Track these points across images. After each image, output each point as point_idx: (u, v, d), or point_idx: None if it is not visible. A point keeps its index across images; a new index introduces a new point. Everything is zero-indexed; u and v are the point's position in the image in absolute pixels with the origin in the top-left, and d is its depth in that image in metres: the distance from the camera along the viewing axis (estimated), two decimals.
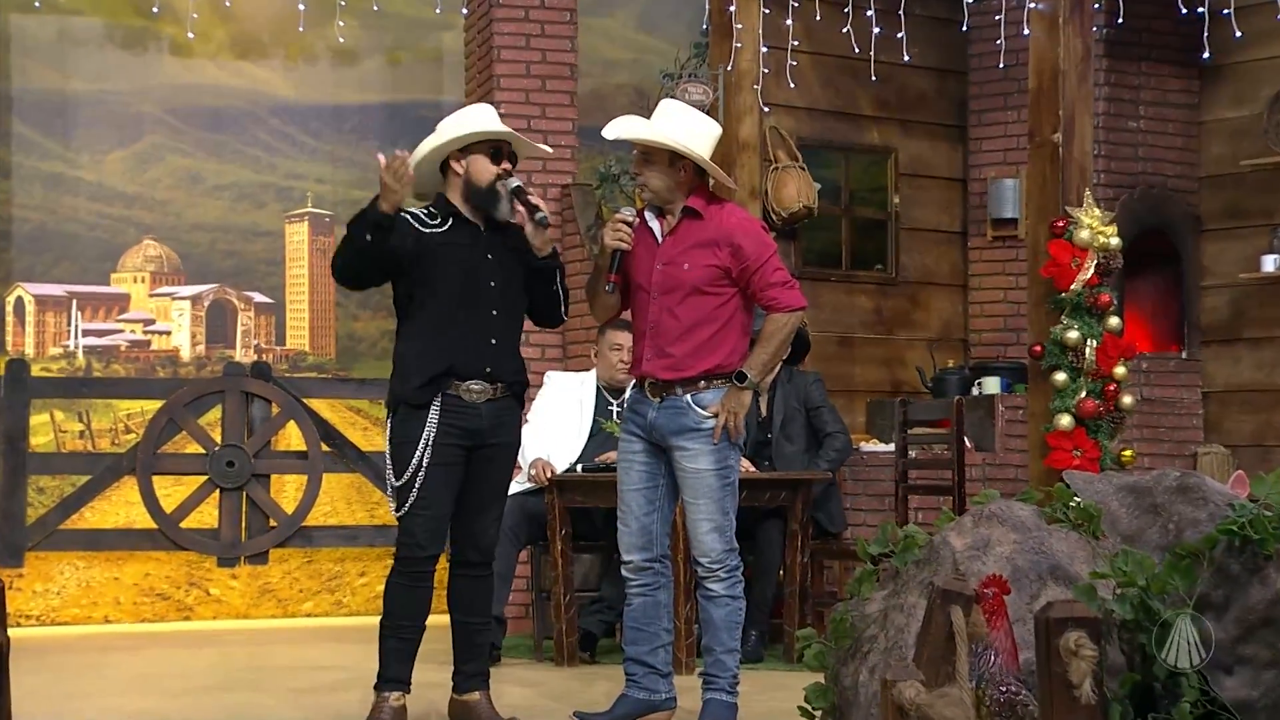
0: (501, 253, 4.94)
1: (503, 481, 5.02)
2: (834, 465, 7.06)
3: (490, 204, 4.91)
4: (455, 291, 4.84)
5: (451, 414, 4.84)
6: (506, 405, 4.95)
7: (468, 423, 4.86)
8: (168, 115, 8.97)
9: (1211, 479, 3.79)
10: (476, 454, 4.91)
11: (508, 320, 4.95)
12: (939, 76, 8.97)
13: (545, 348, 8.18)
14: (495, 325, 4.90)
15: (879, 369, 8.82)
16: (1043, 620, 2.89)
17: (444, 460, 4.83)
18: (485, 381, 4.87)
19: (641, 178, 4.87)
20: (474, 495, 4.94)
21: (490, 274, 4.90)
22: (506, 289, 4.92)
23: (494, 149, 4.93)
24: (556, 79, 8.32)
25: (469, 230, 4.93)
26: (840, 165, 8.80)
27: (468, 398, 4.86)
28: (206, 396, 8.07)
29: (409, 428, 4.84)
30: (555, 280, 4.98)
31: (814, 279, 8.53)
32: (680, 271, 4.84)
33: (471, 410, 4.86)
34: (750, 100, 7.42)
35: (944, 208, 9.03)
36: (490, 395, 4.89)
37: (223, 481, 7.97)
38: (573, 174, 8.36)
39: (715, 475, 4.83)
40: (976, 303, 8.98)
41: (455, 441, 4.85)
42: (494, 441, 4.92)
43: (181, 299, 9.01)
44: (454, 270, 4.85)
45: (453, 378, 4.84)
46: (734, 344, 4.87)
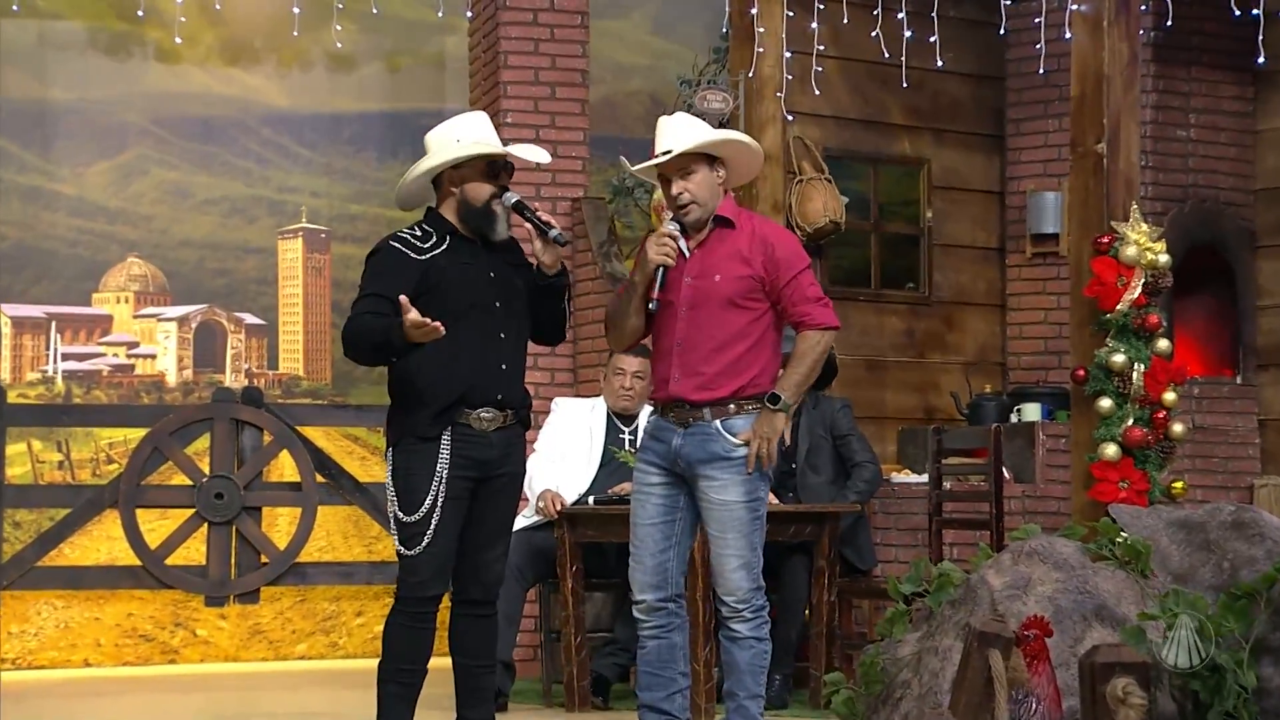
0: (504, 270, 4.95)
1: (509, 514, 5.02)
2: (863, 497, 7.04)
3: (487, 225, 4.92)
4: (462, 315, 4.85)
5: (463, 444, 4.84)
6: (515, 433, 4.96)
7: (479, 453, 4.86)
8: (153, 125, 9.00)
9: (1269, 513, 3.78)
10: (484, 485, 4.91)
11: (516, 343, 4.96)
12: (975, 83, 8.97)
13: (555, 371, 8.18)
14: (505, 349, 4.91)
15: (911, 394, 8.80)
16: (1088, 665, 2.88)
17: (455, 494, 4.84)
18: (496, 409, 4.88)
19: (685, 195, 4.85)
20: (479, 529, 4.94)
21: (495, 294, 4.91)
22: (511, 309, 4.93)
23: (489, 165, 4.93)
24: (567, 86, 8.34)
25: (468, 248, 4.93)
26: (869, 177, 8.80)
27: (478, 426, 4.86)
28: (194, 424, 8.08)
29: (418, 460, 4.83)
30: (564, 297, 4.99)
31: (841, 298, 8.51)
32: (711, 284, 4.85)
33: (482, 440, 4.87)
34: (773, 109, 7.42)
35: (980, 222, 9.02)
36: (500, 423, 4.90)
37: (211, 515, 7.97)
38: (584, 187, 8.37)
39: (745, 508, 4.82)
40: (1015, 324, 8.97)
41: (465, 474, 4.85)
42: (502, 471, 4.92)
43: (167, 320, 9.03)
44: (458, 293, 4.85)
45: (464, 406, 4.84)
46: (765, 363, 4.88)
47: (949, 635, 3.70)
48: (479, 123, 5.00)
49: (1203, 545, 3.60)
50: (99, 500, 8.03)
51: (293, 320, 9.23)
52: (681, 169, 4.87)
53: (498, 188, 4.92)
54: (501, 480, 4.93)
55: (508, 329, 4.91)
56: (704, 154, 4.86)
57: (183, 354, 9.04)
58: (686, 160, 4.86)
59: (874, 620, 7.18)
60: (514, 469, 4.97)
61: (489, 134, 4.96)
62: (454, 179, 4.92)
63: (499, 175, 4.94)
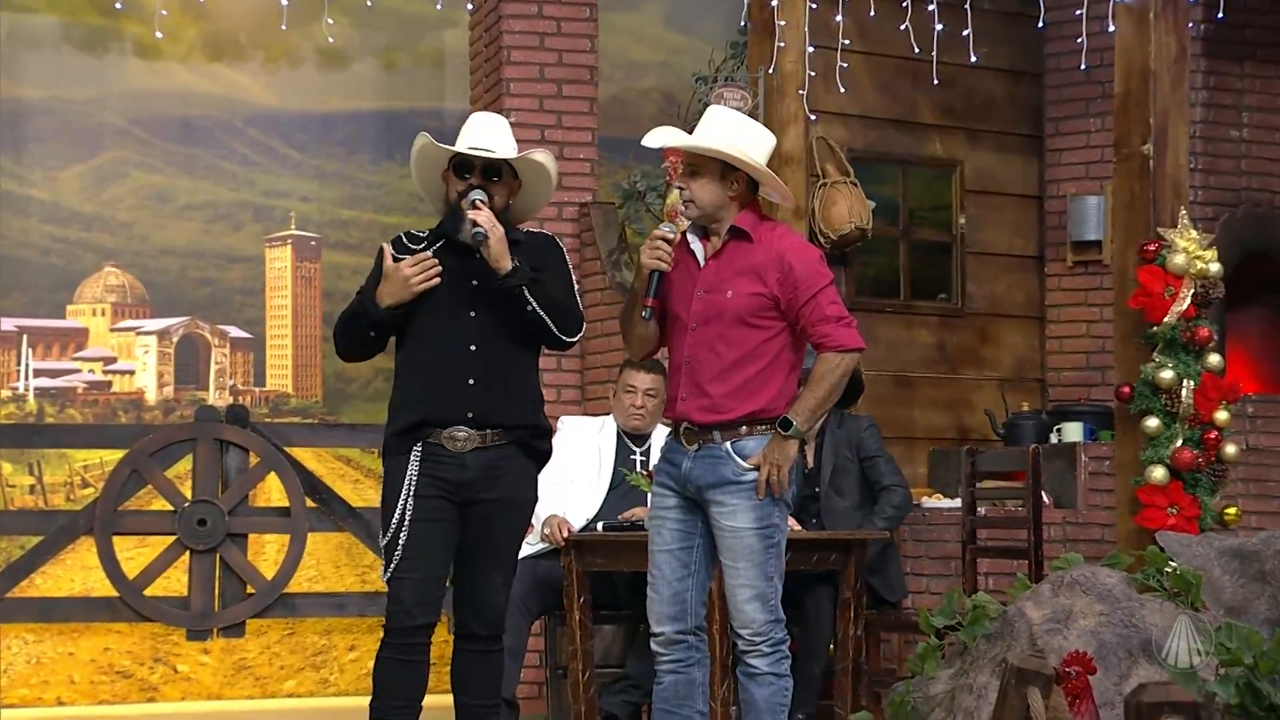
0: (489, 278, 4.92)
1: (508, 542, 5.01)
2: (891, 524, 7.03)
3: (451, 225, 4.95)
4: (431, 326, 4.87)
5: (432, 464, 4.87)
6: (505, 455, 4.94)
7: (451, 474, 4.87)
8: (132, 125, 9.02)
9: None
10: (470, 511, 4.91)
11: (494, 355, 4.93)
12: (1011, 79, 8.97)
13: (561, 389, 8.19)
14: (474, 363, 4.90)
15: (943, 413, 8.79)
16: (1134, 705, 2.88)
17: (429, 515, 4.85)
18: (470, 428, 4.88)
19: (687, 192, 4.89)
20: (474, 558, 4.95)
21: (471, 304, 4.91)
22: (492, 319, 4.92)
23: (460, 163, 4.95)
24: (574, 83, 8.35)
25: (457, 252, 4.96)
26: (898, 181, 8.79)
27: (451, 446, 4.88)
28: (175, 445, 8.08)
29: (390, 478, 4.90)
30: (526, 300, 4.89)
31: (868, 310, 8.52)
32: (722, 299, 4.86)
33: (454, 460, 4.88)
34: (795, 107, 7.42)
35: (1017, 229, 9.01)
36: (479, 443, 4.89)
37: (193, 542, 7.98)
38: (592, 191, 8.38)
39: (757, 535, 4.82)
40: (1055, 337, 8.95)
41: (440, 494, 4.86)
42: (488, 497, 4.91)
43: (147, 334, 9.05)
44: (432, 303, 4.88)
45: (430, 426, 4.86)
46: (780, 386, 4.87)
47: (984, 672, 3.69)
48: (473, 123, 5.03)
49: (1258, 576, 3.60)
50: (73, 527, 8.03)
51: (281, 333, 9.24)
52: (692, 166, 4.89)
53: (466, 186, 4.94)
54: (490, 507, 4.92)
55: (481, 341, 4.90)
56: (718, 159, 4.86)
57: (163, 370, 9.05)
58: (697, 159, 4.87)
59: (903, 656, 7.16)
60: (507, 494, 4.95)
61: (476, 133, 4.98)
62: (447, 177, 4.99)
63: (469, 173, 4.95)
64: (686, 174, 4.90)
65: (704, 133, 4.89)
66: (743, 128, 4.90)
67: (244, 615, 8.07)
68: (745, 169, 4.86)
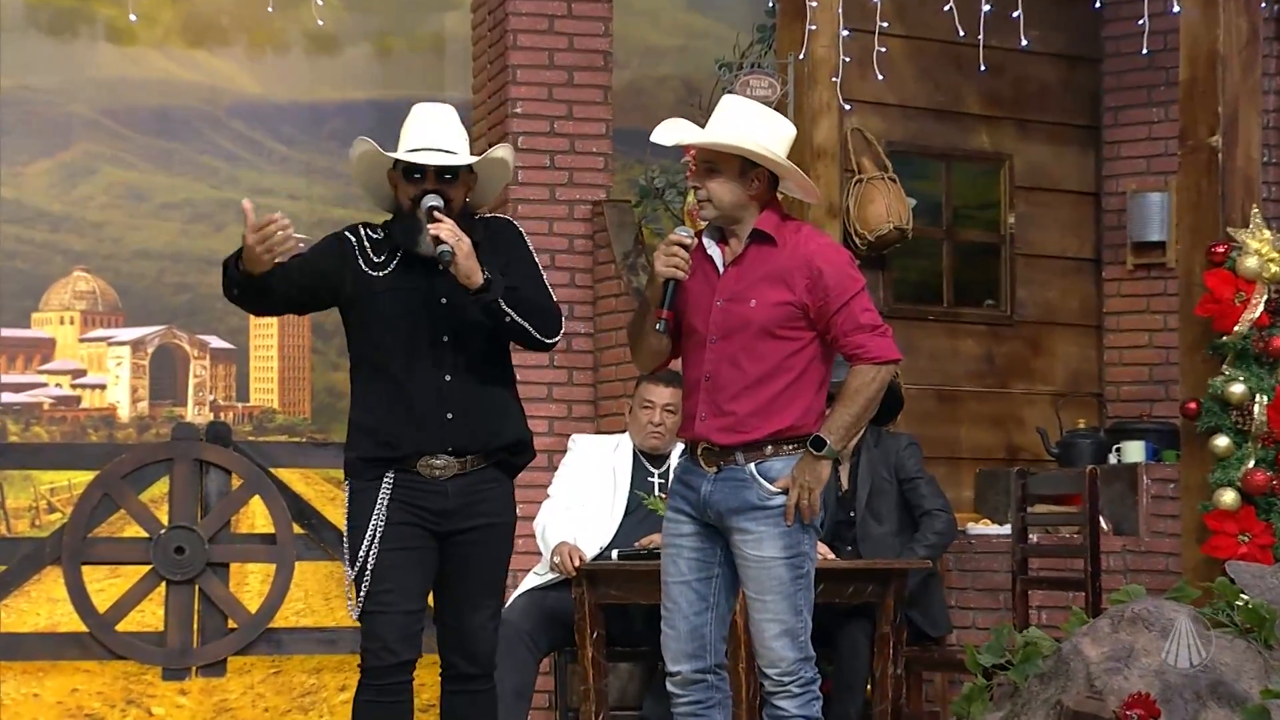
0: (463, 293, 4.85)
1: (494, 570, 5.00)
2: (934, 552, 7.02)
3: (407, 237, 4.89)
4: (399, 353, 4.84)
5: (407, 491, 4.85)
6: (486, 479, 4.94)
7: (430, 503, 4.86)
8: (104, 116, 9.03)
9: None
10: (451, 540, 4.89)
11: (472, 382, 4.90)
12: (1065, 65, 8.95)
13: (572, 404, 8.17)
14: (452, 394, 4.87)
15: (990, 431, 8.77)
16: None
17: (402, 543, 4.83)
18: (449, 456, 4.87)
19: (703, 192, 4.87)
20: (458, 591, 4.94)
21: (443, 327, 4.87)
22: (467, 339, 4.89)
23: (408, 167, 4.89)
24: (587, 70, 8.34)
25: (417, 268, 4.89)
26: (941, 176, 8.78)
27: (428, 474, 4.87)
28: (150, 466, 8.08)
29: (357, 504, 4.88)
30: (503, 312, 4.84)
31: (908, 318, 8.50)
32: (745, 309, 4.84)
33: (433, 487, 4.86)
34: (828, 96, 7.41)
35: (1072, 229, 8.99)
36: (458, 470, 4.88)
37: (170, 573, 7.97)
38: (606, 188, 8.37)
39: (785, 565, 4.80)
40: (1114, 348, 8.93)
41: (415, 521, 4.85)
42: (470, 525, 4.90)
43: (119, 345, 9.05)
44: (398, 324, 4.84)
45: (404, 457, 4.85)
46: (809, 402, 4.85)
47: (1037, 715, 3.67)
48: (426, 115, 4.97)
49: None
50: (38, 556, 8.02)
51: (266, 344, 9.24)
52: (707, 163, 4.87)
53: (420, 191, 4.87)
54: (473, 534, 4.91)
55: (456, 368, 4.87)
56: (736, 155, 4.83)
57: (137, 384, 9.05)
58: (713, 155, 4.85)
59: (948, 697, 7.14)
60: (490, 520, 4.95)
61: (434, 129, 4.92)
62: (393, 179, 4.94)
63: (422, 177, 4.88)
64: (702, 172, 4.87)
65: (719, 126, 4.86)
66: (761, 118, 4.88)
67: (225, 652, 8.06)
68: (767, 165, 4.83)
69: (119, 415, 9.02)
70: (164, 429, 8.70)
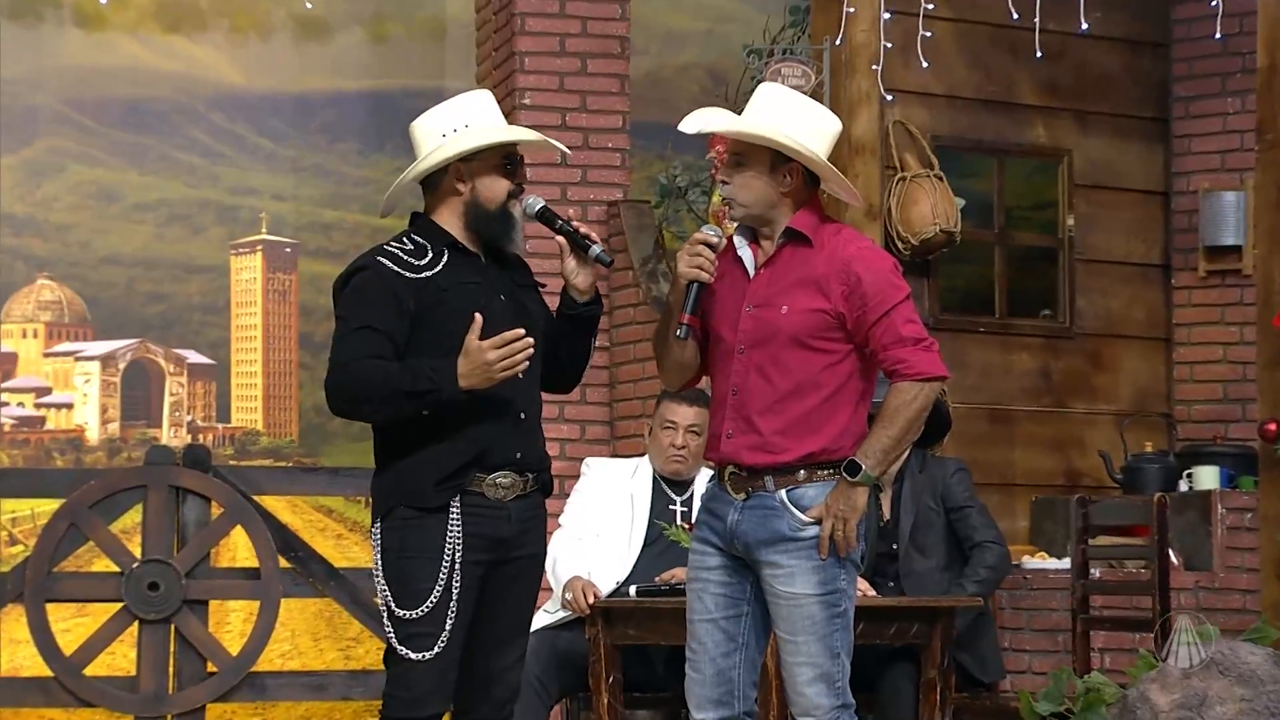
0: (515, 293, 4.96)
1: (527, 608, 5.03)
2: (985, 588, 7.00)
3: (504, 233, 4.93)
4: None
5: (475, 518, 4.85)
6: (535, 504, 4.98)
7: (494, 529, 4.87)
8: (71, 109, 9.06)
9: None
10: (497, 571, 4.91)
11: (534, 386, 4.98)
12: (1131, 51, 8.94)
13: (586, 424, 8.18)
14: (521, 395, 4.92)
15: (1048, 454, 8.76)
16: None
17: (469, 583, 4.85)
18: (514, 472, 4.89)
19: (730, 188, 4.88)
20: (489, 628, 4.94)
21: (510, 322, 4.90)
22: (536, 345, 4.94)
23: (507, 158, 4.95)
24: (602, 58, 8.35)
25: (471, 264, 4.94)
26: (992, 173, 8.78)
27: (493, 494, 4.87)
28: (121, 494, 8.08)
29: (418, 538, 4.83)
30: (593, 331, 5.00)
31: (956, 330, 8.49)
32: (776, 316, 4.84)
33: (498, 512, 4.87)
34: (867, 86, 7.41)
35: (1138, 231, 8.98)
36: (520, 490, 4.91)
37: (143, 611, 7.97)
38: (623, 187, 8.38)
39: (819, 602, 4.80)
40: (1185, 362, 8.92)
41: (479, 557, 4.86)
42: (520, 554, 4.93)
43: (88, 360, 9.07)
44: (464, 320, 4.86)
45: (477, 469, 4.84)
46: (845, 421, 4.85)
47: None
48: (485, 104, 5.02)
49: None
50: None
51: (249, 360, 9.26)
52: (736, 156, 4.87)
53: (516, 185, 4.95)
54: (518, 564, 4.94)
55: (531, 369, 4.91)
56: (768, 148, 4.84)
57: (107, 403, 9.07)
58: (743, 147, 4.85)
59: None
60: (534, 550, 4.98)
61: (498, 118, 4.98)
62: (462, 174, 4.94)
63: (516, 171, 4.96)
64: (730, 165, 4.88)
65: (752, 115, 4.87)
66: (800, 109, 4.88)
67: (204, 699, 8.06)
68: (801, 160, 4.83)
69: (87, 437, 9.04)
70: (136, 452, 8.71)
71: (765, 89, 4.97)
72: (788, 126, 4.83)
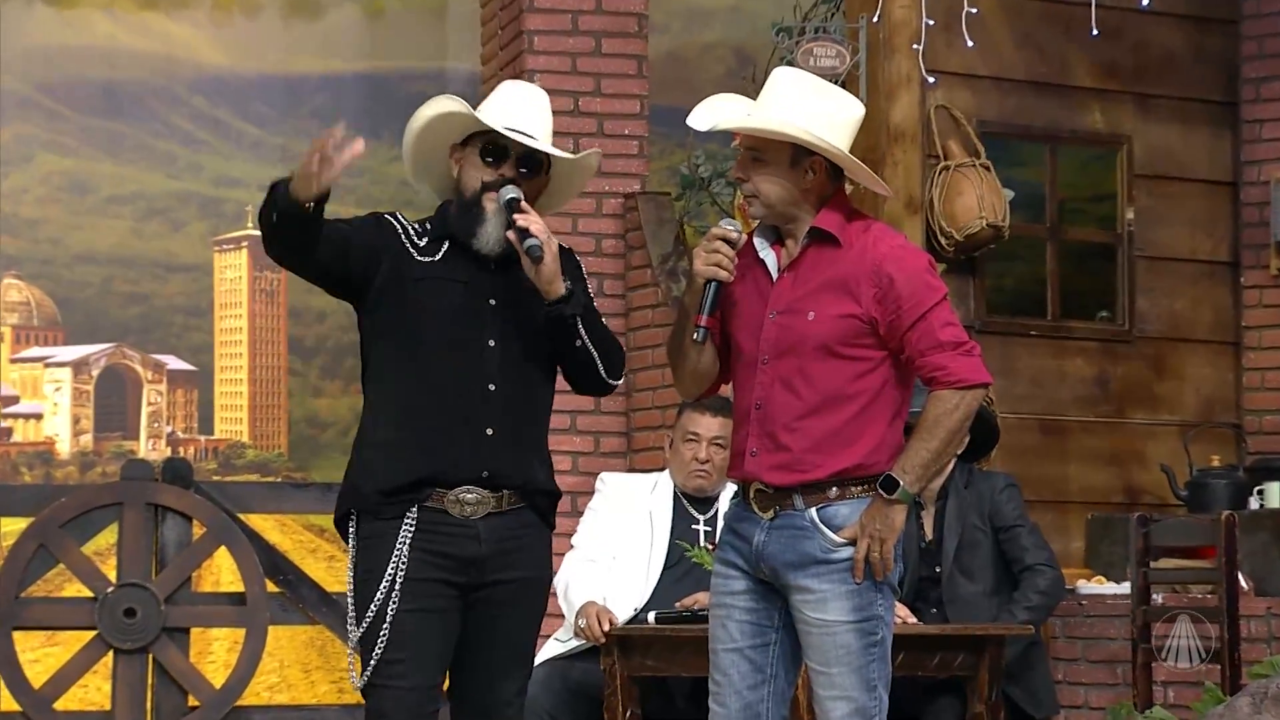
0: (513, 297, 4.96)
1: (526, 637, 5.04)
2: (1037, 615, 7.01)
3: (469, 226, 4.96)
4: (435, 353, 4.88)
5: (433, 535, 4.87)
6: (522, 523, 4.97)
7: (458, 548, 4.89)
8: (39, 93, 9.08)
9: None
10: (477, 596, 4.93)
11: (515, 399, 4.96)
12: (1196, 29, 8.94)
13: (600, 436, 8.18)
14: (493, 407, 4.92)
15: (1104, 469, 8.76)
16: None
17: (424, 604, 4.86)
18: (483, 488, 4.91)
19: (749, 185, 4.89)
20: (482, 660, 4.96)
21: (489, 329, 4.93)
22: (513, 351, 4.95)
23: (490, 145, 4.96)
24: (617, 37, 8.36)
25: (467, 262, 4.97)
26: (1044, 163, 8.78)
27: (457, 511, 4.89)
28: (95, 512, 8.11)
29: (373, 553, 4.88)
30: (577, 332, 4.96)
31: (1004, 334, 8.50)
32: (803, 323, 4.85)
33: (464, 530, 4.89)
34: (907, 67, 7.43)
35: (1204, 225, 8.98)
36: (494, 508, 4.92)
37: (119, 639, 8.00)
38: (641, 178, 8.39)
39: (854, 630, 4.81)
40: (1255, 368, 8.92)
41: (441, 575, 4.87)
42: (505, 578, 4.94)
43: (58, 366, 9.09)
44: (439, 321, 4.89)
45: (432, 485, 4.87)
46: (880, 434, 4.86)
47: None
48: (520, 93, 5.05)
49: None
50: None
51: (234, 365, 9.28)
52: (753, 151, 4.88)
53: (495, 177, 4.96)
54: (505, 589, 4.94)
55: (501, 379, 4.92)
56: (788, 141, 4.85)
57: (80, 413, 9.09)
58: (759, 142, 4.86)
59: None
60: (526, 573, 4.98)
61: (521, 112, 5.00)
62: (456, 157, 5.01)
63: (501, 162, 4.97)
64: (747, 162, 4.89)
65: (766, 106, 4.88)
66: (816, 95, 4.87)
67: None
68: (823, 153, 4.84)
69: (58, 451, 9.06)
70: (111, 467, 8.73)
71: (779, 75, 4.96)
72: (805, 117, 4.84)
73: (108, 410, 9.12)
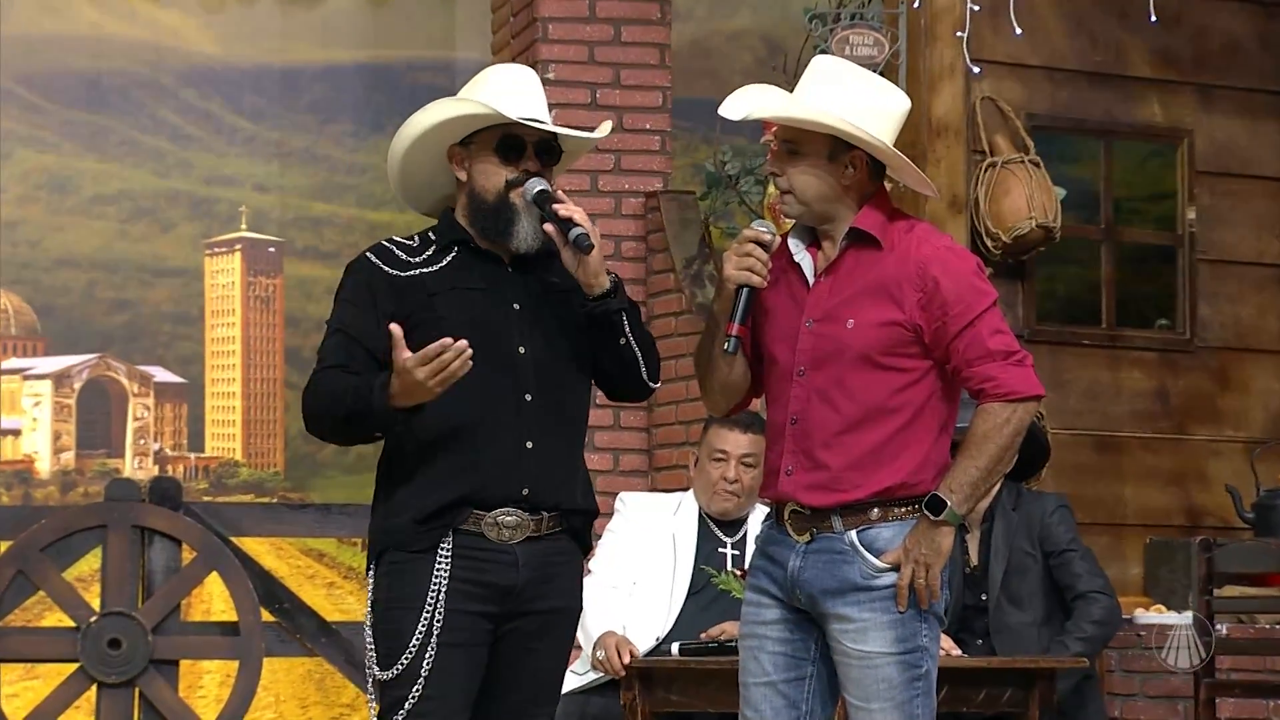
0: (535, 299, 4.96)
1: (556, 670, 5.04)
2: (1091, 646, 7.01)
3: (501, 228, 4.94)
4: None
5: (470, 562, 4.86)
6: (559, 549, 4.97)
7: (497, 576, 4.88)
8: (19, 85, 9.10)
9: None
10: (509, 627, 4.93)
11: (552, 410, 4.97)
12: (1261, 15, 8.94)
13: (620, 454, 8.18)
14: (530, 419, 4.92)
15: (1164, 489, 8.76)
16: None
17: (460, 638, 4.85)
18: (523, 510, 4.91)
19: (783, 180, 4.89)
20: (509, 698, 4.95)
21: (519, 336, 4.93)
22: (547, 357, 4.95)
23: (507, 140, 4.96)
24: (637, 24, 8.37)
25: (483, 266, 4.97)
26: (1098, 159, 8.78)
27: (495, 536, 4.88)
28: (77, 535, 8.13)
29: (404, 585, 4.86)
30: (622, 329, 4.96)
31: (1056, 343, 8.50)
32: (842, 331, 4.85)
33: (502, 557, 4.88)
34: (951, 57, 7.43)
35: (1270, 226, 8.98)
36: (532, 531, 4.92)
37: (103, 672, 8.01)
38: (664, 175, 8.39)
39: (896, 663, 4.81)
40: None
41: (478, 608, 4.86)
42: (538, 608, 4.93)
43: (37, 379, 9.11)
44: (462, 332, 4.87)
45: (469, 507, 4.87)
46: (925, 452, 4.86)
47: None
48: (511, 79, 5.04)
49: None
50: None
51: (227, 378, 9.29)
52: (789, 144, 4.88)
53: (518, 173, 4.96)
54: (539, 619, 4.94)
55: (538, 389, 4.93)
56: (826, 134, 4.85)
57: (61, 429, 9.11)
58: (795, 134, 4.87)
59: None
60: (560, 603, 4.98)
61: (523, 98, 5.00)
62: (461, 159, 4.98)
63: (520, 155, 4.98)
64: (782, 155, 4.89)
65: (804, 95, 4.88)
66: (859, 85, 4.87)
67: None
68: (865, 147, 4.85)
69: (37, 469, 9.07)
70: (95, 487, 8.74)
71: (820, 63, 4.95)
72: (847, 108, 4.84)
73: (91, 426, 9.14)
